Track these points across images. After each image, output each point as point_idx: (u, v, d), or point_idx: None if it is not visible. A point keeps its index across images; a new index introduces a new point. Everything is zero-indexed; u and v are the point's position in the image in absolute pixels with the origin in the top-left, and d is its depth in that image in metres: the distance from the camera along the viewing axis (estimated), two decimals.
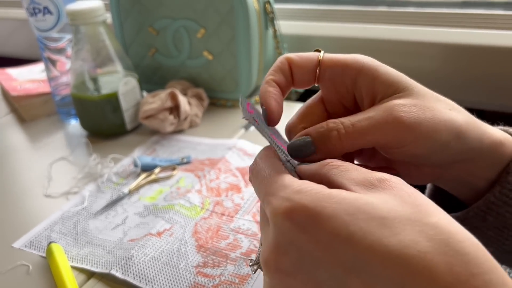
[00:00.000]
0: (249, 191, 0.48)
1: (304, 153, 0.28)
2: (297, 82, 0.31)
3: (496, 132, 0.29)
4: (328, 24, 0.78)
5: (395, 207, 0.20)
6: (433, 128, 0.26)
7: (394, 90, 0.28)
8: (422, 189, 0.33)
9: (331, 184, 0.24)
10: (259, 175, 0.26)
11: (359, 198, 0.21)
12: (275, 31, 0.68)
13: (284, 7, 0.81)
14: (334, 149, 0.27)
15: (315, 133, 0.28)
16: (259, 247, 0.26)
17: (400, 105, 0.27)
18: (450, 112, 0.28)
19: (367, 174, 0.23)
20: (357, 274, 0.19)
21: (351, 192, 0.22)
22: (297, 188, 0.22)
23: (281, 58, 0.30)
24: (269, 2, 0.66)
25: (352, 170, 0.23)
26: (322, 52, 0.30)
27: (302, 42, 0.77)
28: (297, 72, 0.30)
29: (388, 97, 0.28)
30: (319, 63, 0.30)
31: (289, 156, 0.29)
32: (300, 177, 0.26)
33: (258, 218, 0.44)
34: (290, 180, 0.23)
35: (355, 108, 0.31)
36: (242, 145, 0.57)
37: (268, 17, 0.67)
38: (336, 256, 0.20)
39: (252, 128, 0.62)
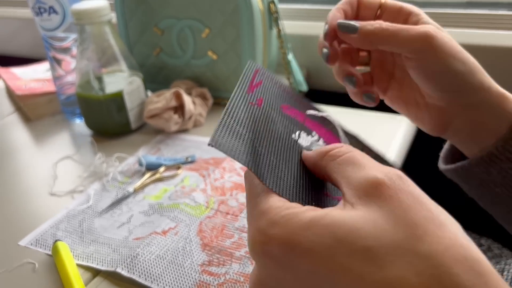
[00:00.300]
0: None
1: (347, 30, 0.33)
2: (360, 16, 0.35)
3: (500, 87, 0.33)
4: None
5: (385, 231, 0.18)
6: (455, 53, 0.31)
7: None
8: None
9: (329, 179, 0.24)
10: (246, 188, 0.25)
11: (344, 223, 0.19)
12: (279, 31, 0.68)
13: (288, 7, 0.81)
14: (373, 34, 0.31)
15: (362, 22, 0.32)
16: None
17: (435, 29, 0.31)
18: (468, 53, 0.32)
19: (362, 176, 0.21)
20: None
21: (340, 209, 0.20)
22: (274, 218, 0.21)
23: None
24: (273, 2, 0.66)
25: (349, 165, 0.22)
26: None
27: (306, 42, 0.77)
28: (363, 8, 0.35)
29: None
30: (380, 5, 0.35)
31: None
32: (304, 163, 0.27)
33: None
34: (270, 203, 0.22)
35: (394, 65, 0.37)
36: None
37: (273, 17, 0.67)
38: None
39: None
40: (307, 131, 0.30)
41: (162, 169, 0.53)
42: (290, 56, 0.70)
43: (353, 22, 0.33)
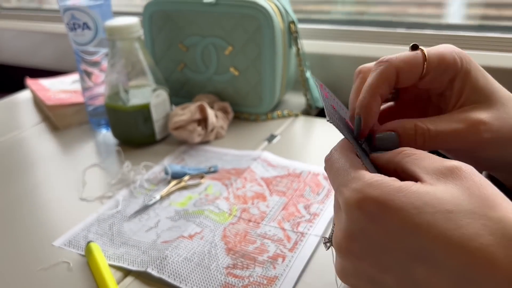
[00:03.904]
0: (274, 200, 0.51)
1: (387, 147, 0.29)
2: (400, 85, 0.31)
3: None
4: (348, 44, 0.81)
5: (462, 200, 0.21)
6: (511, 136, 0.29)
7: (477, 98, 0.30)
8: None
9: (404, 171, 0.25)
10: (334, 166, 0.28)
11: (427, 192, 0.22)
12: (298, 49, 0.71)
13: (307, 27, 0.84)
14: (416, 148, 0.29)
15: (403, 133, 0.29)
16: (333, 226, 0.28)
17: (481, 122, 0.29)
18: None
19: (439, 163, 0.24)
20: (421, 262, 0.21)
21: (421, 184, 0.23)
22: (369, 181, 0.24)
23: (388, 67, 0.30)
24: (293, 22, 0.69)
25: (424, 158, 0.25)
26: (425, 51, 0.30)
27: (323, 60, 0.80)
28: (403, 78, 0.30)
29: (471, 103, 0.30)
30: (425, 65, 0.30)
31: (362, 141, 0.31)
32: (374, 162, 0.28)
33: (283, 225, 0.47)
34: (362, 173, 0.25)
35: (428, 102, 0.33)
36: (266, 157, 0.59)
37: (292, 36, 0.70)
38: (402, 245, 0.22)
39: (276, 140, 0.65)
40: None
41: (186, 177, 0.56)
42: (308, 74, 0.73)
43: (391, 136, 0.29)
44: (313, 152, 0.62)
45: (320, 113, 0.78)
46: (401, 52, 0.31)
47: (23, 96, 0.92)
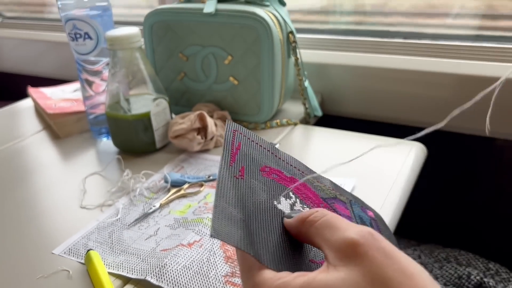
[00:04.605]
0: None
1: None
2: None
3: None
4: (346, 54, 0.82)
5: None
6: None
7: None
8: None
9: (312, 243, 0.26)
10: (239, 262, 0.28)
11: (330, 286, 0.22)
12: (296, 59, 0.72)
13: (306, 36, 0.85)
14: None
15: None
16: None
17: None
18: None
19: (340, 237, 0.24)
20: None
21: (324, 273, 0.23)
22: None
23: None
24: (292, 33, 0.70)
25: (326, 228, 0.25)
26: None
27: (321, 70, 0.81)
28: None
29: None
30: None
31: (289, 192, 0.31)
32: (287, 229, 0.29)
33: None
34: (262, 278, 0.25)
35: None
36: None
37: (291, 46, 0.71)
38: None
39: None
40: (286, 194, 0.32)
41: (186, 186, 0.56)
42: (306, 83, 0.74)
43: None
44: (311, 160, 0.63)
45: (319, 122, 0.79)
46: (397, 61, 0.30)
47: (25, 104, 0.92)
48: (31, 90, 0.90)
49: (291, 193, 0.31)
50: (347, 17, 0.88)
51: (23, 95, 0.96)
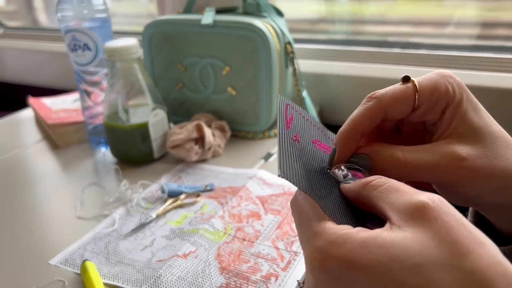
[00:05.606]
0: (269, 219, 0.52)
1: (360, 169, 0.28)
2: (390, 120, 0.30)
3: None
4: (344, 64, 0.82)
5: (431, 250, 0.20)
6: (492, 177, 0.27)
7: (464, 131, 0.28)
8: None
9: (374, 207, 0.25)
10: (297, 213, 0.26)
11: (394, 243, 0.21)
12: (294, 69, 0.73)
13: (303, 47, 0.86)
14: (388, 176, 0.26)
15: (375, 159, 0.28)
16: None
17: (460, 157, 0.27)
18: None
19: (406, 200, 0.23)
20: None
21: (388, 231, 0.22)
22: (331, 237, 0.22)
23: (375, 104, 0.29)
24: (289, 43, 0.71)
25: (391, 192, 0.24)
26: (416, 83, 0.29)
27: (319, 80, 0.82)
28: (393, 113, 0.29)
29: (456, 136, 0.28)
30: (416, 98, 0.29)
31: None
32: (345, 195, 0.27)
33: (277, 244, 0.47)
34: (325, 227, 0.23)
35: (425, 131, 0.32)
36: (262, 175, 0.60)
37: (289, 56, 0.72)
38: None
39: (272, 158, 0.66)
40: (338, 166, 0.31)
41: (182, 196, 0.56)
42: (304, 93, 0.75)
43: (364, 160, 0.29)
44: None
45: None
46: (395, 71, 0.30)
47: (25, 114, 0.93)
48: (31, 100, 0.91)
49: (342, 166, 0.30)
50: (345, 26, 0.89)
51: (25, 105, 0.96)
